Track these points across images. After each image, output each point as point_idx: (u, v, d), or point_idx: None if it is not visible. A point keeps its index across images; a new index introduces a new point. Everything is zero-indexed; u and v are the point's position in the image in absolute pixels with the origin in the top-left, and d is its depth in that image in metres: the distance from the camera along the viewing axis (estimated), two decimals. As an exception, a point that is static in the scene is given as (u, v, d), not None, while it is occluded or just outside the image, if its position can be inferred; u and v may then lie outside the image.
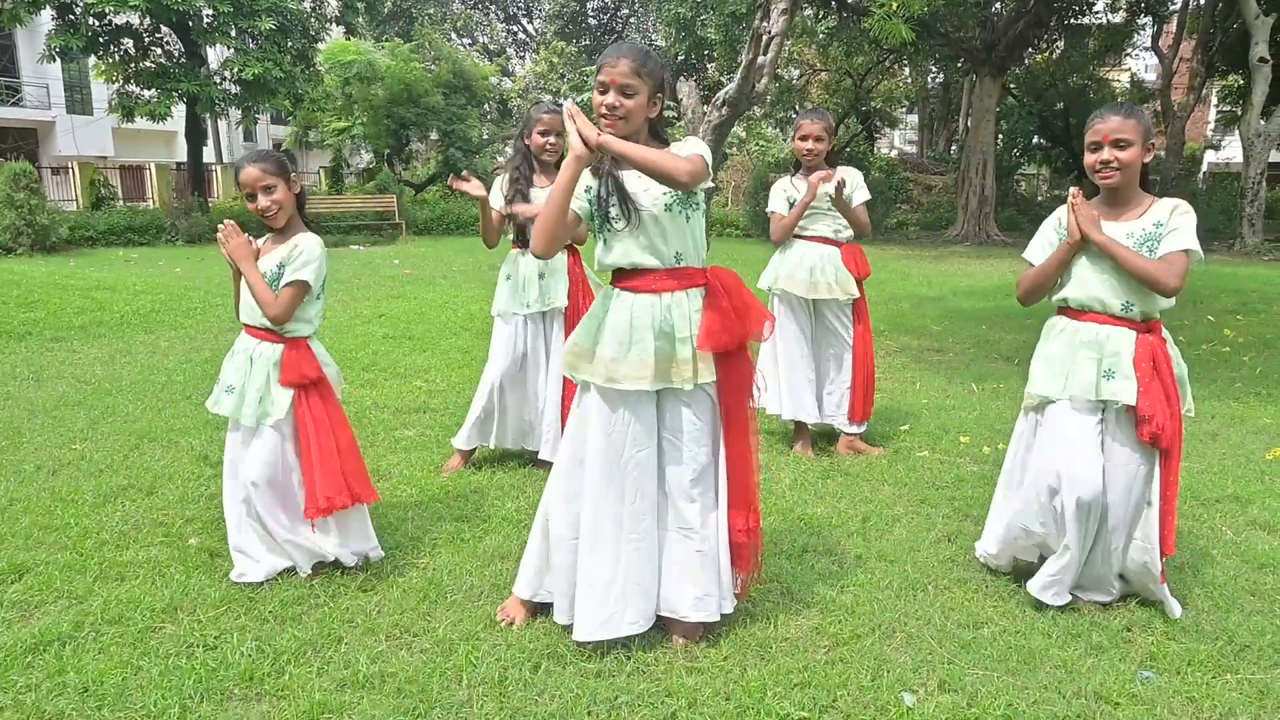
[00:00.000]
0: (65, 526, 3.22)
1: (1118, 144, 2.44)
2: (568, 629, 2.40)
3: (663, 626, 2.44)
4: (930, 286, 10.67)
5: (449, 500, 3.53)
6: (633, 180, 2.30)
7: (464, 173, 3.61)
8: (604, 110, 2.22)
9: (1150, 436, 2.46)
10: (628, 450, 2.30)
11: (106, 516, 3.32)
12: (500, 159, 24.67)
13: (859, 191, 3.99)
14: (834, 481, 3.74)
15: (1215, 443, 4.39)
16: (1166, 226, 2.46)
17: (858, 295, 4.05)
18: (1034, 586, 2.60)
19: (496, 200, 3.75)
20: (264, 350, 2.80)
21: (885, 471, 3.86)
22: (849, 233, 4.06)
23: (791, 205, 4.01)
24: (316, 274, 2.77)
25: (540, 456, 3.88)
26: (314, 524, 2.82)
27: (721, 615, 2.41)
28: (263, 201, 2.72)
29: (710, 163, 2.23)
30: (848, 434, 4.15)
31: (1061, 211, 2.62)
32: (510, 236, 3.87)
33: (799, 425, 4.17)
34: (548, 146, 3.69)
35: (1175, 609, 2.56)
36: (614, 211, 2.29)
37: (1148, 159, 2.49)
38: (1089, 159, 2.51)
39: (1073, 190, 2.50)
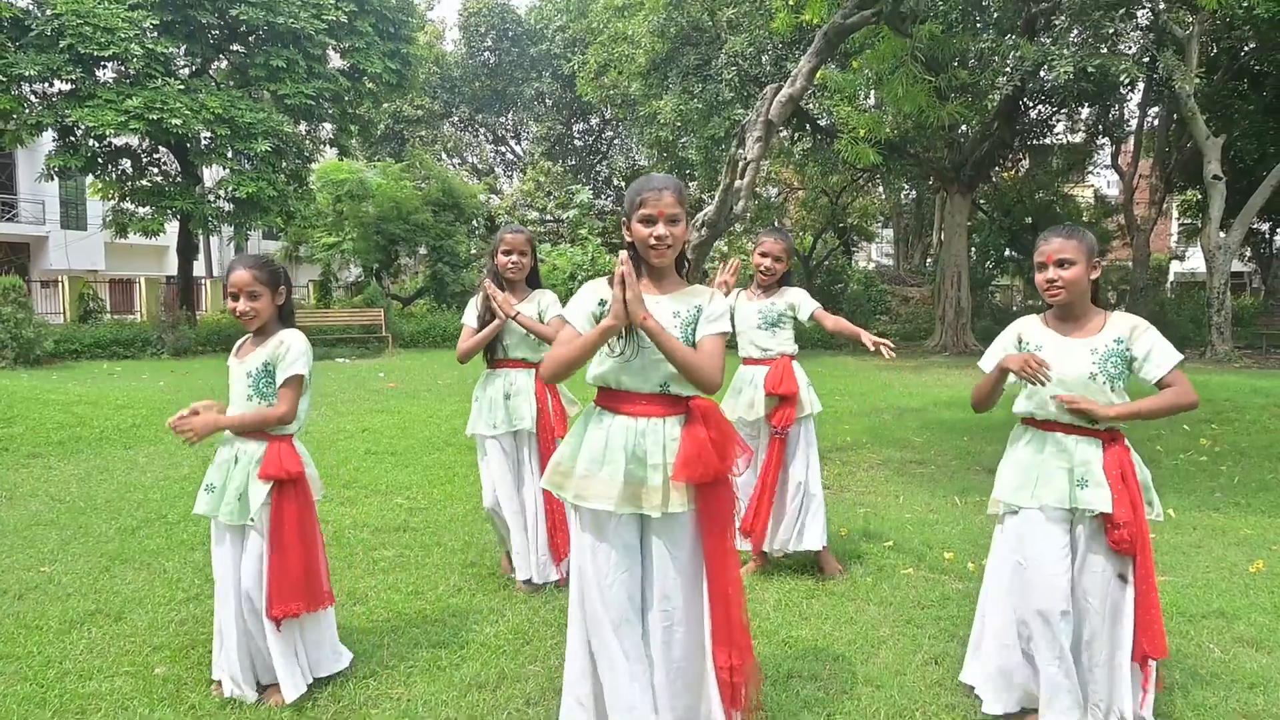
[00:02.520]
0: (27, 655, 3.12)
1: (1061, 264, 2.56)
2: None
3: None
4: (911, 397, 10.78)
5: (426, 625, 3.45)
6: (650, 304, 2.26)
7: (483, 281, 3.76)
8: (654, 241, 2.26)
9: (1121, 541, 2.50)
10: (612, 573, 2.27)
11: (71, 644, 3.22)
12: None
13: (806, 304, 3.97)
14: (819, 601, 3.69)
15: (1198, 555, 4.38)
16: (1134, 349, 2.56)
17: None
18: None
19: (470, 319, 3.84)
20: (248, 448, 2.83)
21: (870, 590, 3.82)
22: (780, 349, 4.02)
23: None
24: (308, 365, 2.84)
25: (520, 578, 3.82)
26: (279, 624, 2.79)
27: None
28: (243, 306, 2.79)
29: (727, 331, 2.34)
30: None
31: (1020, 325, 2.73)
32: (483, 355, 3.91)
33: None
34: (509, 265, 3.77)
35: None
36: (618, 340, 2.26)
37: (1094, 275, 2.60)
38: (1038, 278, 2.63)
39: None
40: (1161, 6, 15.75)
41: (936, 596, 3.75)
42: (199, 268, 27.92)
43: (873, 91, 17.55)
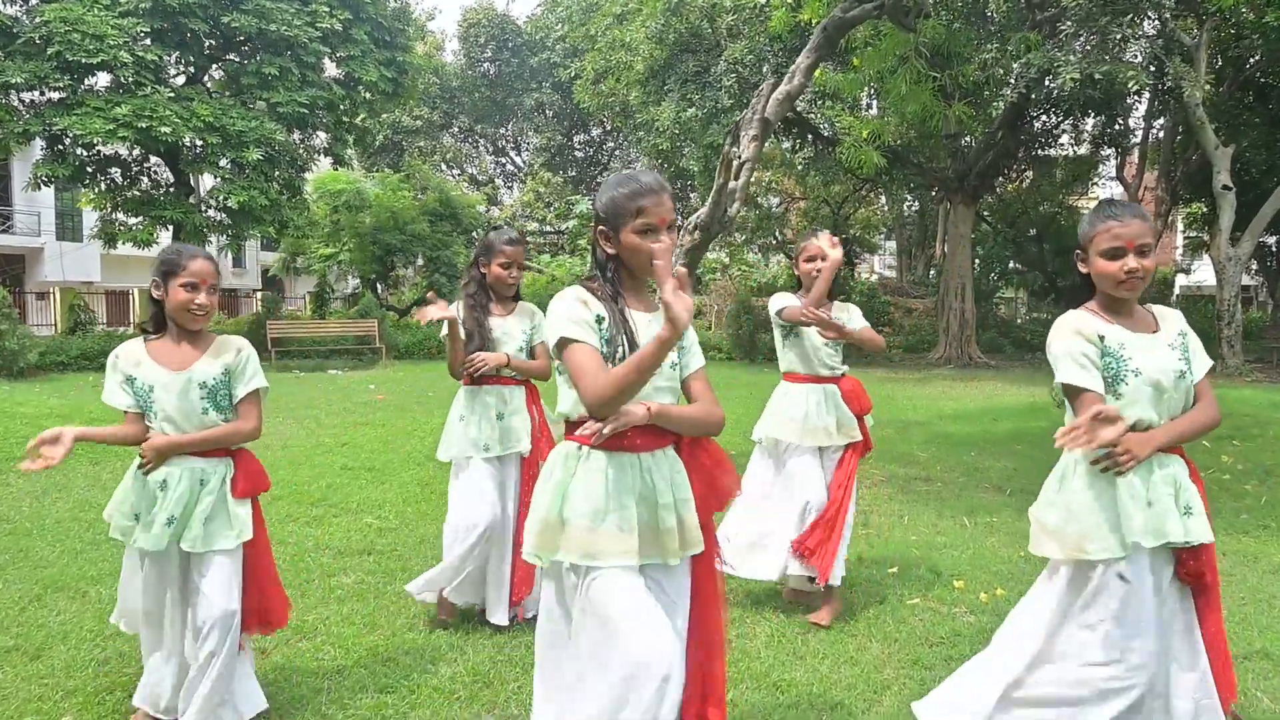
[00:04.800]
0: (-79, 702, 2.77)
1: (1142, 251, 2.14)
2: None
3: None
4: (916, 410, 10.42)
5: (376, 665, 3.09)
6: (643, 326, 1.97)
7: (428, 294, 3.38)
8: (659, 253, 1.92)
9: (1196, 574, 2.15)
10: (663, 625, 1.90)
11: (-25, 688, 2.87)
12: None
13: (858, 320, 3.63)
14: (816, 638, 3.32)
15: (1231, 585, 4.01)
16: (1189, 343, 2.23)
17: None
18: None
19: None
20: (212, 467, 2.51)
21: (873, 625, 3.45)
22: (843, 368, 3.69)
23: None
24: (263, 374, 2.60)
25: (491, 619, 3.44)
26: (242, 644, 2.55)
27: None
28: (204, 298, 2.48)
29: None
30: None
31: (1087, 323, 2.19)
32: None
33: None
34: (509, 280, 3.44)
35: None
36: (620, 355, 1.92)
37: None
38: (1111, 266, 2.15)
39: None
40: (1167, 15, 15.48)
41: (946, 632, 3.38)
42: (195, 279, 27.69)
43: (874, 100, 17.33)
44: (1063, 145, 22.40)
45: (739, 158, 5.94)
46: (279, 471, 6.56)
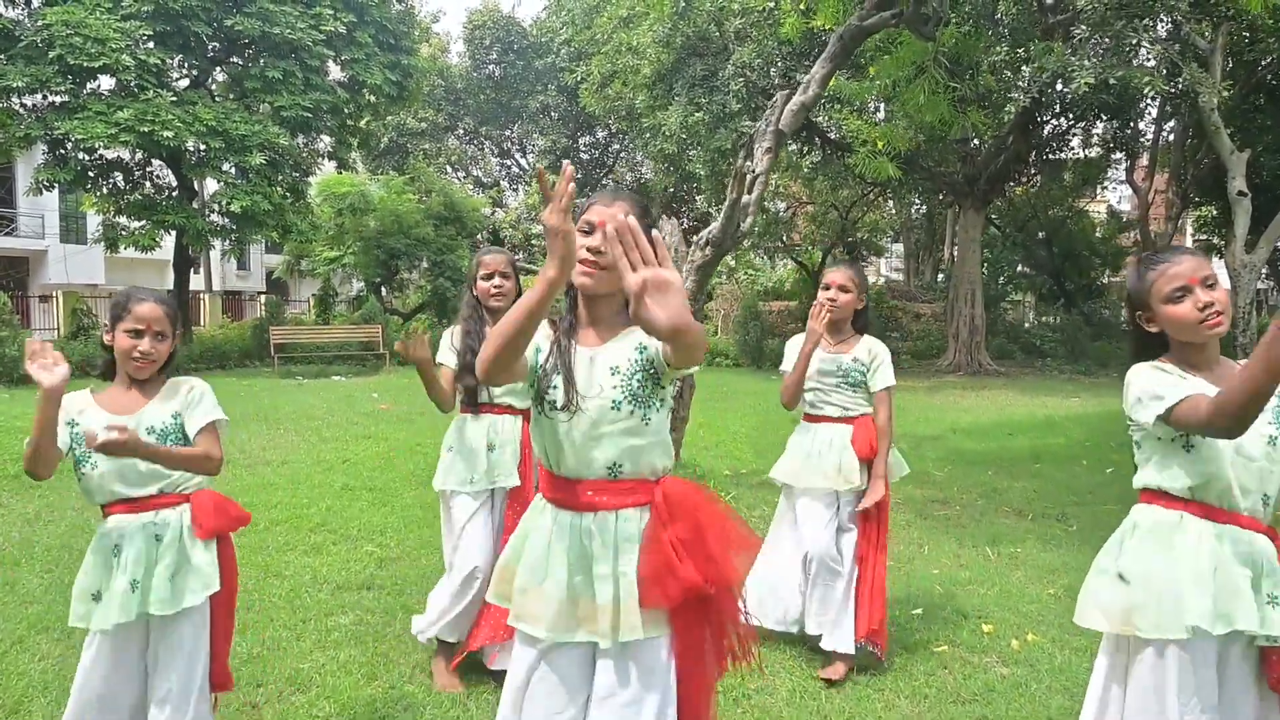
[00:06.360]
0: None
1: (1209, 284, 1.93)
2: None
3: None
4: (928, 424, 10.21)
5: (374, 723, 2.92)
6: (583, 363, 1.77)
7: (412, 328, 3.17)
8: (585, 252, 1.71)
9: None
10: (544, 714, 1.72)
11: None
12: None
13: (884, 373, 3.36)
14: (840, 695, 3.13)
15: None
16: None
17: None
18: None
19: (447, 357, 3.30)
20: (168, 517, 2.27)
21: (899, 678, 3.26)
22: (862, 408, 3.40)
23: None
24: (219, 408, 2.37)
25: (490, 665, 3.24)
26: (216, 699, 2.37)
27: None
28: (148, 345, 2.23)
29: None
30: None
31: (1161, 364, 1.97)
32: (460, 398, 3.34)
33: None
34: (493, 291, 3.24)
35: None
36: (553, 393, 1.74)
37: None
38: (1180, 310, 1.92)
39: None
40: (1181, 19, 15.24)
41: (979, 687, 3.18)
42: (199, 282, 27.61)
43: (883, 104, 17.10)
44: (1073, 148, 22.18)
45: (752, 171, 5.75)
46: (278, 492, 6.40)
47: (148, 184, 18.03)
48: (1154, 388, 1.91)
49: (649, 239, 1.38)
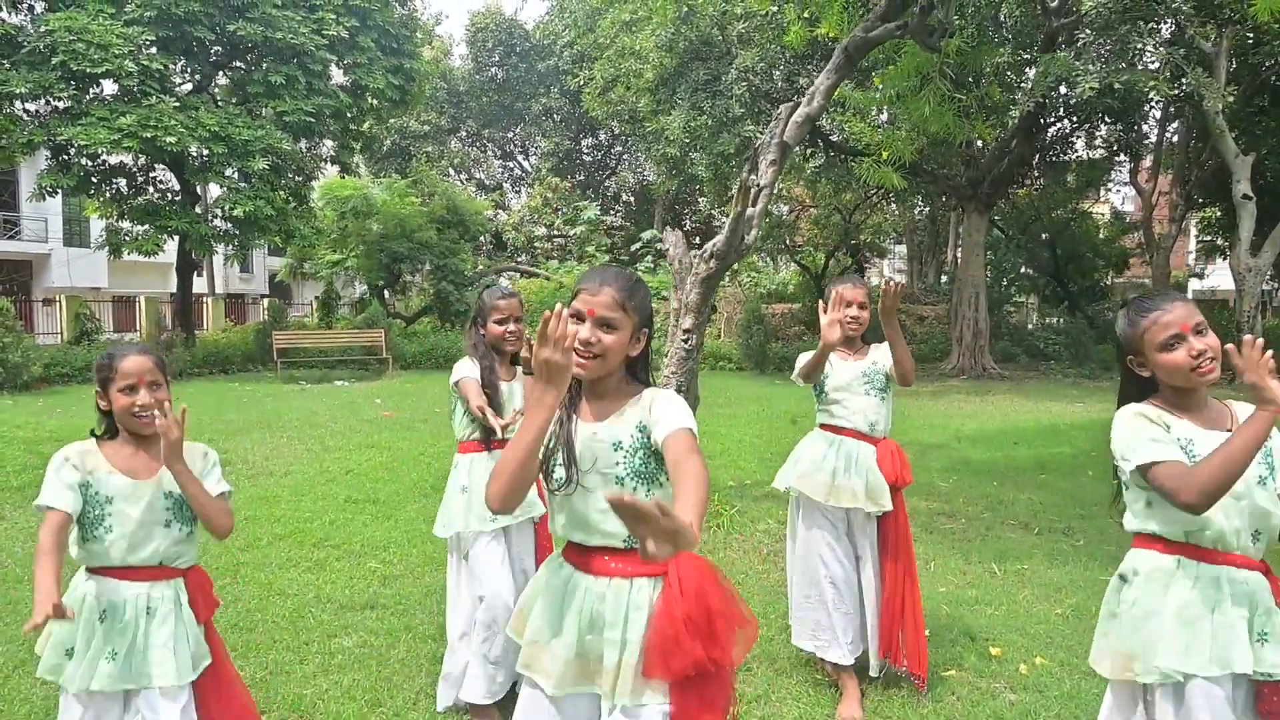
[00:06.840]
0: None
1: (1199, 330, 1.94)
2: None
3: None
4: (933, 431, 10.18)
5: (378, 754, 2.90)
6: (584, 439, 1.79)
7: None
8: (576, 345, 1.72)
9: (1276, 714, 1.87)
10: None
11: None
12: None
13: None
14: (848, 722, 3.11)
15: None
16: (1274, 444, 1.98)
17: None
18: None
19: (473, 391, 3.21)
20: (161, 591, 2.22)
21: (907, 707, 3.23)
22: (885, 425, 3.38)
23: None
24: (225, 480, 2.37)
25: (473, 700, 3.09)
26: None
27: None
28: (145, 397, 2.19)
29: (695, 429, 1.71)
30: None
31: (1155, 413, 1.98)
32: (473, 435, 3.20)
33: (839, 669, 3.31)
34: (507, 336, 3.20)
35: None
36: (558, 470, 1.78)
37: None
38: (1171, 358, 1.93)
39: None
40: (1184, 22, 15.19)
41: (988, 715, 3.16)
42: (202, 285, 27.63)
43: (886, 109, 17.07)
44: (1077, 151, 22.13)
45: (757, 184, 5.73)
46: (281, 505, 6.38)
47: (150, 189, 18.06)
48: (1131, 443, 1.95)
49: (656, 507, 1.27)
